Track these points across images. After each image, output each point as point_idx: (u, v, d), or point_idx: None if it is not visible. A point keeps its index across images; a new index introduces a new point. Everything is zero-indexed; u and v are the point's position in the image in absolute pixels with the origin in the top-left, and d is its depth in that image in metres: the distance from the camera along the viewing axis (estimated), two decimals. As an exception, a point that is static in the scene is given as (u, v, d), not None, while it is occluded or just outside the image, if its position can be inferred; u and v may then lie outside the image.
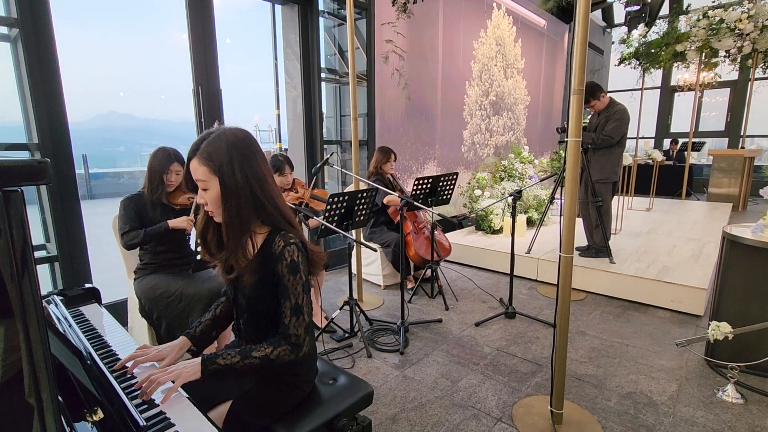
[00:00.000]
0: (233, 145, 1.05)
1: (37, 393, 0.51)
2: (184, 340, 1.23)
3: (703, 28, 6.37)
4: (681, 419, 1.91)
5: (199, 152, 1.05)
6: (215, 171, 1.04)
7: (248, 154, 1.07)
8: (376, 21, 4.21)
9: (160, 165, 2.08)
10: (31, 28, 2.28)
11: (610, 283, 3.40)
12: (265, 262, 1.11)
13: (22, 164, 0.46)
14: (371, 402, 1.37)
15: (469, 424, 1.89)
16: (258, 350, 1.09)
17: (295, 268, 1.09)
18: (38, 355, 0.50)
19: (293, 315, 1.09)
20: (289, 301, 1.09)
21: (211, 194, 1.06)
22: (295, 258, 1.09)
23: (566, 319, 1.76)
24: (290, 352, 1.10)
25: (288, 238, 1.10)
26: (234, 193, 1.05)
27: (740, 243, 2.19)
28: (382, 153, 3.45)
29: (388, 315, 3.10)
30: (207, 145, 1.05)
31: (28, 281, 0.49)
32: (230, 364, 1.06)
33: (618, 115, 3.47)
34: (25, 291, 0.49)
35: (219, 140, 1.05)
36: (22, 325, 0.49)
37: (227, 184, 1.04)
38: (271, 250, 1.10)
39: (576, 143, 1.66)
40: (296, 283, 1.09)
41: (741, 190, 7.04)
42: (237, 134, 1.08)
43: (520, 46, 6.59)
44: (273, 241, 1.10)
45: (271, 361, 1.09)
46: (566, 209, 1.71)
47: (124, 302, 2.57)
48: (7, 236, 0.46)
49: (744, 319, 2.13)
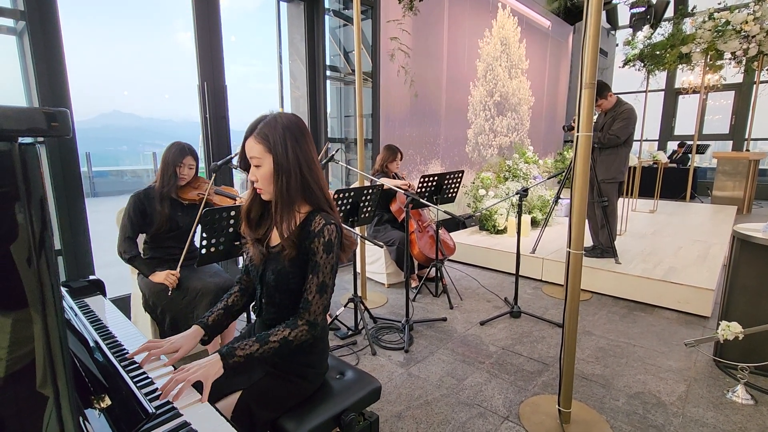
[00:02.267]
0: (287, 128, 1.12)
1: (54, 381, 0.48)
2: (197, 329, 1.24)
3: (709, 30, 6.35)
4: (691, 420, 1.88)
5: (256, 131, 1.11)
6: (270, 149, 1.10)
7: (300, 137, 1.13)
8: (382, 19, 4.21)
9: (174, 157, 2.10)
10: (37, 21, 2.26)
11: (616, 284, 3.37)
12: (302, 238, 1.14)
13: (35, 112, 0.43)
14: (379, 397, 1.35)
15: (475, 422, 1.87)
16: (275, 334, 1.11)
17: (330, 248, 1.13)
18: (55, 342, 0.47)
19: (318, 292, 1.13)
20: (317, 277, 1.13)
21: (263, 171, 1.12)
22: (332, 238, 1.13)
23: (575, 315, 1.74)
24: (307, 332, 1.13)
25: (329, 218, 1.15)
26: (285, 171, 1.11)
27: (751, 242, 2.16)
28: (389, 151, 3.43)
29: (392, 313, 3.08)
30: (264, 126, 1.11)
31: (45, 261, 0.46)
32: (250, 353, 1.08)
33: (625, 115, 3.45)
34: (43, 272, 0.46)
35: (275, 122, 1.12)
36: (41, 312, 0.46)
37: (280, 162, 1.10)
38: (310, 227, 1.14)
39: (587, 138, 1.64)
40: (327, 262, 1.13)
41: (746, 193, 7.00)
42: (291, 118, 1.15)
43: (525, 46, 6.58)
44: (313, 220, 1.14)
45: (290, 342, 1.11)
46: (576, 205, 1.69)
47: (127, 297, 2.56)
48: (24, 204, 0.43)
49: (754, 319, 2.11)
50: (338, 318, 2.76)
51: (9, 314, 0.45)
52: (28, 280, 0.46)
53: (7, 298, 0.46)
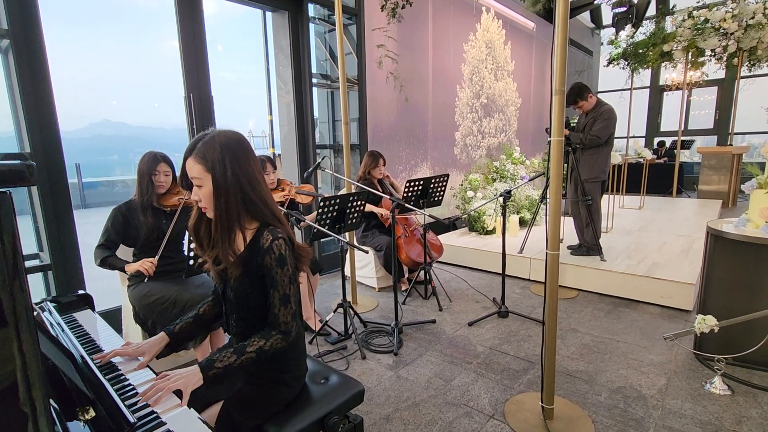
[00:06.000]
0: (226, 146, 1.13)
1: (31, 400, 0.52)
2: (162, 335, 1.29)
3: (689, 28, 6.48)
4: (669, 412, 1.94)
5: (195, 152, 1.12)
6: (209, 169, 1.11)
7: (240, 155, 1.14)
8: (367, 26, 4.26)
9: (147, 166, 2.14)
10: (22, 39, 2.29)
11: (601, 281, 3.44)
12: (253, 255, 1.16)
13: (8, 167, 0.48)
14: (362, 400, 1.39)
15: (461, 421, 1.92)
16: (251, 345, 1.13)
17: (282, 261, 1.15)
18: (31, 363, 0.52)
19: (282, 305, 1.16)
20: (277, 291, 1.15)
21: (204, 191, 1.13)
22: (282, 251, 1.15)
23: (555, 315, 1.80)
24: (281, 339, 1.16)
25: (276, 233, 1.16)
26: (225, 190, 1.12)
27: (724, 237, 2.24)
28: (371, 157, 3.45)
29: (382, 317, 3.12)
30: (202, 146, 1.12)
31: (19, 286, 0.51)
32: (228, 365, 1.10)
33: (605, 116, 3.53)
34: (17, 298, 0.50)
35: (213, 141, 1.12)
36: (15, 333, 0.50)
37: (218, 182, 1.11)
38: (259, 244, 1.15)
39: (559, 143, 1.70)
40: (284, 275, 1.15)
41: (730, 186, 7.13)
42: (230, 136, 1.15)
43: (510, 48, 6.67)
44: (261, 236, 1.16)
45: (266, 351, 1.14)
46: (551, 207, 1.75)
47: (118, 310, 2.58)
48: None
49: (729, 312, 2.17)
50: (328, 323, 2.79)
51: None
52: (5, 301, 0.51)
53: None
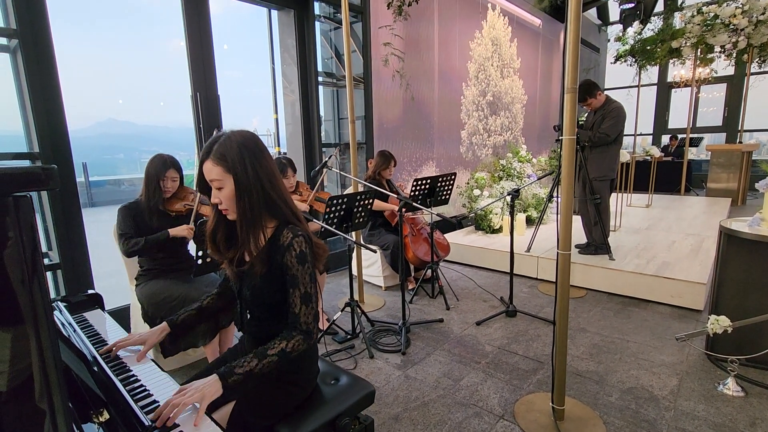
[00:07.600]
0: (243, 145, 1.11)
1: (49, 397, 0.52)
2: (164, 325, 1.30)
3: (698, 24, 6.40)
4: (682, 413, 1.92)
5: (212, 154, 1.10)
6: (229, 169, 1.09)
7: (258, 153, 1.13)
8: (372, 24, 4.24)
9: (156, 171, 2.11)
10: (30, 39, 2.30)
11: (610, 280, 3.41)
12: (273, 253, 1.15)
13: (29, 171, 0.48)
14: (373, 401, 1.38)
15: (471, 422, 1.90)
16: (272, 347, 1.10)
17: (303, 258, 1.13)
18: (49, 360, 0.52)
19: (303, 303, 1.14)
20: (298, 290, 1.13)
21: (225, 192, 1.11)
22: (303, 249, 1.14)
23: (566, 315, 1.78)
24: (303, 341, 1.13)
25: (296, 231, 1.15)
26: (247, 189, 1.10)
27: (737, 237, 2.20)
28: (383, 158, 3.42)
29: (389, 316, 3.11)
30: (219, 147, 1.10)
31: (38, 286, 0.51)
32: (249, 370, 1.06)
33: (614, 113, 3.49)
34: (36, 296, 0.50)
35: (230, 141, 1.11)
36: (33, 330, 0.50)
37: (241, 181, 1.09)
38: (279, 242, 1.14)
39: (571, 141, 1.67)
40: (305, 273, 1.14)
41: (740, 184, 7.05)
42: (245, 135, 1.14)
43: (516, 45, 6.62)
44: (281, 234, 1.14)
45: (288, 354, 1.11)
46: (563, 206, 1.73)
47: (126, 308, 2.59)
48: (18, 241, 0.47)
49: (743, 313, 2.15)
50: (336, 322, 2.79)
51: (9, 330, 0.50)
52: (23, 299, 0.50)
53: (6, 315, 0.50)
